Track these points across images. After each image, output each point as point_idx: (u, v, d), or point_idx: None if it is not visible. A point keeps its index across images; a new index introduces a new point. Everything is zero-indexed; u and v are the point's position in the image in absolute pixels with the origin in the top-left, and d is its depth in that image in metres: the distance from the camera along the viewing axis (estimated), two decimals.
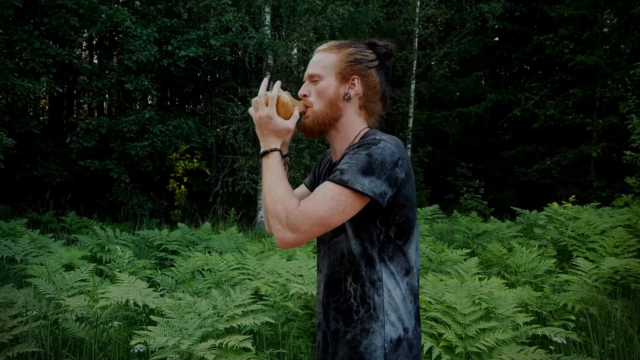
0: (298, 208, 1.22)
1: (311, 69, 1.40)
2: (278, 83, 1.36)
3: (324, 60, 1.39)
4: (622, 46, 14.20)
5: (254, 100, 1.35)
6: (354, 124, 1.39)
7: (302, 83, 1.45)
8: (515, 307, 3.11)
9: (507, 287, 3.83)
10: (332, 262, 1.36)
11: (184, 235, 6.86)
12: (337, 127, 1.39)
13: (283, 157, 1.39)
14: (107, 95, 12.17)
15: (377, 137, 1.27)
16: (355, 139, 1.38)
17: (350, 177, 1.20)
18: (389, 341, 1.28)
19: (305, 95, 1.39)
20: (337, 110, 1.37)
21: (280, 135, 1.34)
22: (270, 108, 1.32)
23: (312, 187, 1.55)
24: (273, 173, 1.30)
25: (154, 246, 6.51)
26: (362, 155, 1.22)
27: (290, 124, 1.34)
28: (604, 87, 13.85)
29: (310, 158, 11.35)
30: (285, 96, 1.34)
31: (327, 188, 1.22)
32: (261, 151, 1.34)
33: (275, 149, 1.33)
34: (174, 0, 12.12)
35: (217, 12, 11.34)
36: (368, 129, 1.40)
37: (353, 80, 1.38)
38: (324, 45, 1.43)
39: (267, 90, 1.38)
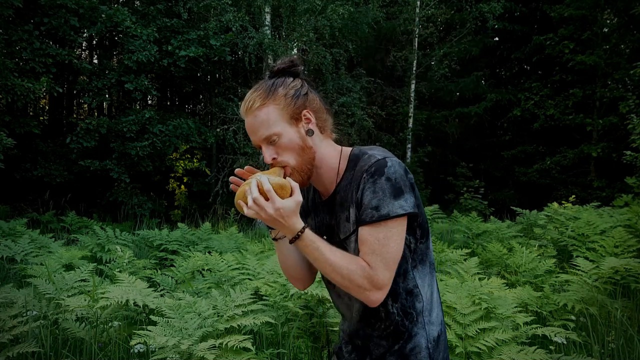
0: (370, 267, 1.20)
1: (261, 132, 1.27)
2: (256, 175, 1.21)
3: (267, 118, 1.26)
4: (622, 46, 14.20)
5: (250, 205, 1.18)
6: (328, 151, 1.33)
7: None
8: (515, 307, 3.11)
9: (507, 287, 3.82)
10: None
11: (184, 235, 6.85)
12: (316, 165, 1.31)
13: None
14: (107, 95, 12.17)
15: (375, 156, 1.25)
16: (340, 163, 1.33)
17: (389, 209, 1.20)
18: (432, 340, 1.30)
19: (274, 158, 1.27)
20: (310, 151, 1.29)
21: (297, 213, 1.21)
22: (273, 202, 1.17)
23: None
24: (322, 250, 1.21)
25: (154, 246, 6.51)
26: (383, 182, 1.21)
27: (298, 196, 1.21)
28: (604, 87, 13.85)
29: None
30: (273, 178, 1.20)
31: (375, 232, 1.21)
32: (290, 238, 1.21)
33: (304, 228, 1.21)
34: (174, 0, 12.12)
35: (217, 12, 11.34)
36: (347, 149, 1.36)
37: (304, 115, 1.30)
38: (251, 104, 1.28)
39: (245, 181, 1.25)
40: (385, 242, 1.20)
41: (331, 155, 1.33)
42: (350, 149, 1.36)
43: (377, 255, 1.20)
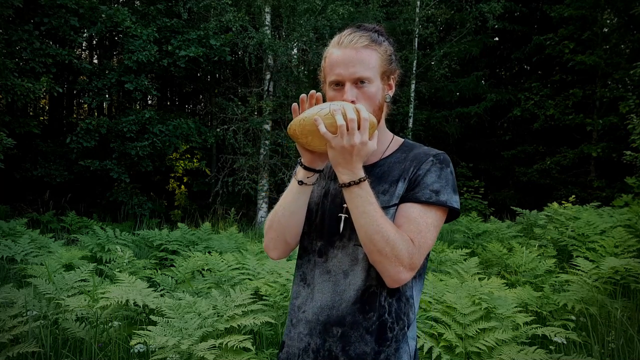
0: (413, 244, 1.14)
1: (357, 69, 1.20)
2: (360, 106, 1.11)
3: (369, 59, 1.21)
4: (622, 46, 14.19)
5: (339, 125, 1.07)
6: (384, 130, 1.31)
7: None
8: (515, 307, 3.11)
9: (507, 287, 3.83)
10: (369, 273, 1.20)
11: (184, 235, 6.85)
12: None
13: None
14: (107, 95, 12.17)
15: (435, 150, 1.26)
16: (392, 141, 1.31)
17: (447, 198, 1.19)
18: (412, 354, 1.25)
19: (353, 102, 1.18)
20: (380, 113, 1.24)
21: (364, 160, 1.14)
22: (364, 133, 1.09)
23: None
24: (375, 206, 1.12)
25: (154, 246, 6.51)
26: (448, 173, 1.22)
27: (375, 144, 1.14)
28: (604, 87, 13.85)
29: None
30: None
31: (426, 214, 1.17)
32: (348, 181, 1.12)
33: (366, 177, 1.13)
34: (174, 0, 12.12)
35: (217, 12, 11.35)
36: (400, 138, 1.34)
37: (391, 80, 1.28)
38: (356, 39, 1.22)
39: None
40: (431, 227, 1.17)
41: (386, 130, 1.32)
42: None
43: (422, 237, 1.15)
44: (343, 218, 1.24)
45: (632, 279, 3.87)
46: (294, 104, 1.18)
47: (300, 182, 1.22)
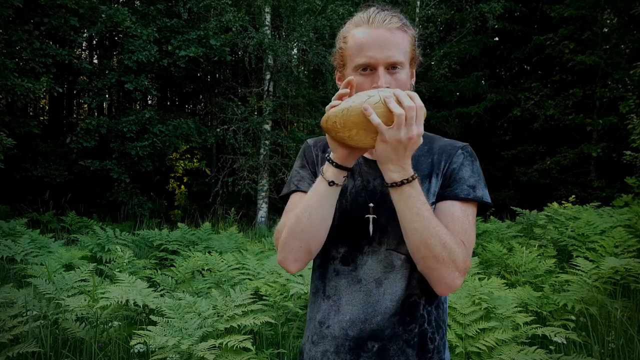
0: (465, 246, 1.05)
1: (392, 53, 1.07)
2: (412, 93, 0.98)
3: (403, 43, 1.09)
4: (622, 46, 14.18)
5: (398, 114, 0.94)
6: None
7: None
8: (515, 307, 3.11)
9: (507, 287, 3.83)
10: (410, 282, 1.10)
11: (184, 235, 6.85)
12: None
13: None
14: (107, 95, 12.17)
15: (458, 142, 1.20)
16: None
17: (483, 193, 1.13)
18: None
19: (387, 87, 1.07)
20: None
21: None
22: (420, 124, 0.97)
23: None
24: (428, 207, 1.01)
25: (154, 246, 6.51)
26: (478, 166, 1.16)
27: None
28: (604, 87, 13.84)
29: None
30: None
31: (466, 211, 1.10)
32: (400, 179, 1.00)
33: (416, 174, 1.02)
34: (174, 0, 12.12)
35: (217, 12, 11.35)
36: None
37: (413, 70, 1.16)
38: (389, 19, 1.09)
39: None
40: (473, 225, 1.10)
41: None
42: None
43: (469, 237, 1.07)
44: (372, 219, 1.12)
45: (632, 279, 3.87)
46: (338, 94, 1.02)
47: (332, 183, 1.05)
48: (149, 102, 16.66)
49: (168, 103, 17.77)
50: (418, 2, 14.09)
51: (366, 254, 1.11)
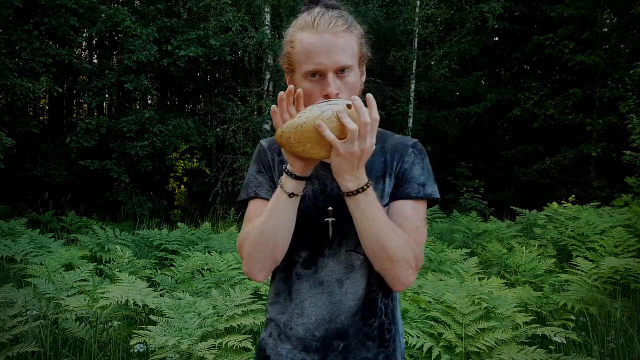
0: (417, 244, 1.09)
1: (340, 58, 1.07)
2: (370, 97, 0.99)
3: (350, 45, 1.09)
4: (622, 46, 14.19)
5: (352, 130, 0.94)
6: None
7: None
8: (515, 307, 3.11)
9: (507, 287, 3.83)
10: (370, 280, 1.14)
11: (184, 235, 6.85)
12: None
13: None
14: (107, 95, 12.18)
15: (410, 139, 1.21)
16: None
17: (432, 190, 1.17)
18: (403, 354, 1.22)
19: (337, 95, 1.07)
20: None
21: None
22: (373, 135, 0.98)
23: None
24: (382, 212, 1.04)
25: (154, 246, 6.51)
26: (428, 163, 1.19)
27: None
28: (604, 87, 13.85)
29: None
30: None
31: (417, 209, 1.13)
32: (355, 189, 1.01)
33: (370, 182, 1.04)
34: (174, 0, 12.12)
35: (217, 12, 11.35)
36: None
37: (363, 66, 1.16)
38: (334, 23, 1.08)
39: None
40: (424, 222, 1.13)
41: None
42: None
43: (420, 234, 1.11)
44: (331, 223, 1.13)
45: (632, 279, 3.87)
46: (273, 107, 1.01)
47: (292, 195, 1.05)
48: (149, 102, 16.66)
49: (168, 103, 17.78)
50: (418, 2, 14.08)
51: (327, 256, 1.14)
